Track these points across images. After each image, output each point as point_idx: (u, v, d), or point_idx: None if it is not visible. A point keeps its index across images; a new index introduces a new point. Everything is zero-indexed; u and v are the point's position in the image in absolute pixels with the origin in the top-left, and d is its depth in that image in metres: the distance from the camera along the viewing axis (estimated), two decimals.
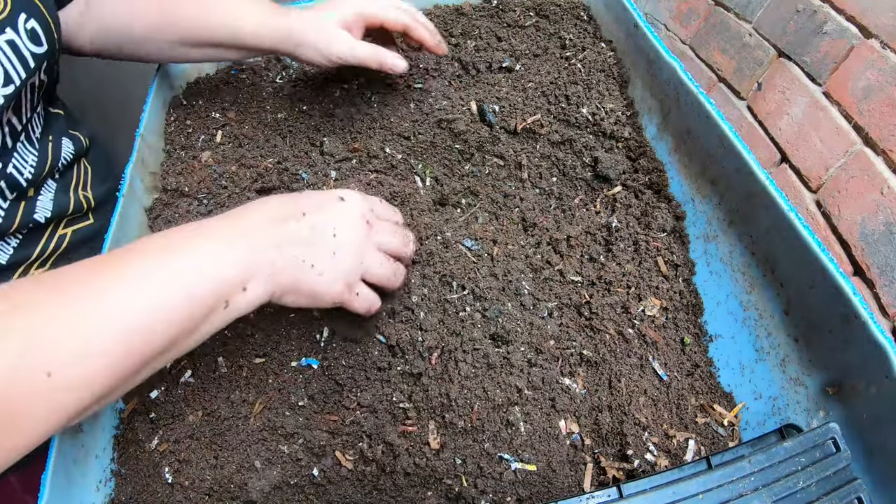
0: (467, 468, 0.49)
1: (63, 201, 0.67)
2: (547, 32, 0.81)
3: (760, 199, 0.53)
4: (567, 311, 0.58)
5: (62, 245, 0.68)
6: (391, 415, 0.52)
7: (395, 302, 0.55)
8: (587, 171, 0.68)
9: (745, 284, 0.57)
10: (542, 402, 0.52)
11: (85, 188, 0.72)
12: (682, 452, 0.50)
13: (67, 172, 0.70)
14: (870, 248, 0.74)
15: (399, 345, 0.54)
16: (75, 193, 0.70)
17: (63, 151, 0.68)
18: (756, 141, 0.96)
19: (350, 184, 0.64)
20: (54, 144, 0.66)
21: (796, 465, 0.40)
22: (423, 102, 0.73)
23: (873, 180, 0.74)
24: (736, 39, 1.01)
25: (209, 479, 0.51)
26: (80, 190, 0.71)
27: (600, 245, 0.63)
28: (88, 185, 0.73)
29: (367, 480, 0.50)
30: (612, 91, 0.73)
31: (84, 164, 0.74)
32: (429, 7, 0.84)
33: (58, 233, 0.68)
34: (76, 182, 0.71)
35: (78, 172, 0.72)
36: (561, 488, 0.48)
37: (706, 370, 0.57)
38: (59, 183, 0.68)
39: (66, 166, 0.69)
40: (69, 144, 0.69)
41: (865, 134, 0.77)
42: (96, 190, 0.74)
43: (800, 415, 0.49)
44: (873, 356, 0.42)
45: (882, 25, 0.75)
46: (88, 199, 0.72)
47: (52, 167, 0.65)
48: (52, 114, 0.69)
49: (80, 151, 0.72)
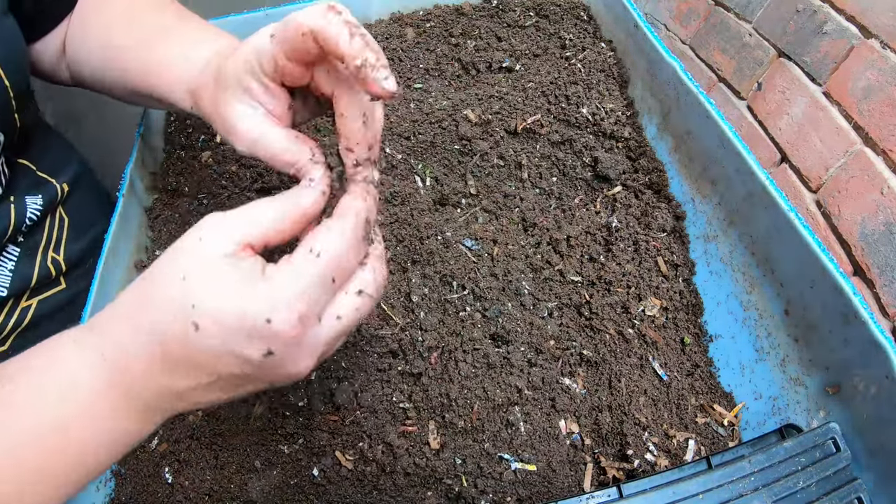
0: (467, 468, 0.49)
1: (26, 271, 0.57)
2: (547, 32, 0.80)
3: (760, 199, 0.53)
4: (567, 311, 0.58)
5: (25, 319, 0.58)
6: (391, 415, 0.52)
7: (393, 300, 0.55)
8: (587, 171, 0.68)
9: (745, 284, 0.57)
10: (542, 402, 0.52)
11: (57, 248, 0.62)
12: (682, 452, 0.50)
13: (33, 233, 0.59)
14: (870, 248, 0.74)
15: (399, 345, 0.54)
16: (43, 258, 0.60)
17: (28, 211, 0.58)
18: (756, 141, 0.96)
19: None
20: (17, 205, 0.56)
21: (796, 465, 0.40)
22: (423, 102, 0.73)
23: (873, 180, 0.74)
24: (736, 39, 1.01)
25: (209, 479, 0.51)
26: (49, 252, 0.61)
27: (600, 245, 0.63)
28: (62, 244, 0.62)
29: (367, 480, 0.50)
30: (612, 91, 0.73)
31: (60, 215, 0.63)
32: (429, 7, 0.84)
33: (20, 305, 0.57)
34: (45, 243, 0.61)
35: (50, 229, 0.61)
36: (561, 488, 0.48)
37: (706, 370, 0.57)
38: (23, 248, 0.58)
39: (33, 225, 0.59)
40: (36, 200, 0.59)
41: (865, 134, 0.77)
42: (72, 247, 0.63)
43: (800, 415, 0.49)
44: (873, 356, 0.42)
45: (882, 25, 0.75)
46: (58, 263, 0.61)
47: (13, 231, 0.55)
48: (19, 167, 0.59)
49: (51, 203, 0.61)
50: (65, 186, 0.63)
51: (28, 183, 0.59)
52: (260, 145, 0.37)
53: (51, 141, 0.66)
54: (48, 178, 0.62)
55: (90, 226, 0.66)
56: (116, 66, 0.51)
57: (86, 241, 0.65)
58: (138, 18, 0.52)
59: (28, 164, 0.60)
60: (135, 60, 0.49)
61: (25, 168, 0.60)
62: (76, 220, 0.65)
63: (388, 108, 0.73)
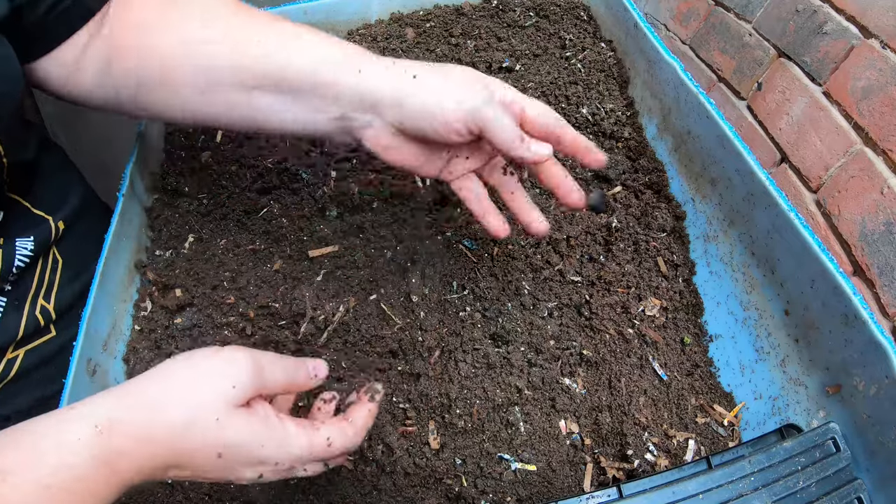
0: (467, 468, 0.49)
1: (11, 323, 0.53)
2: (547, 32, 0.80)
3: (760, 199, 0.53)
4: (567, 311, 0.58)
5: (11, 371, 0.53)
6: (391, 415, 0.52)
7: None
8: (587, 170, 0.68)
9: (745, 284, 0.57)
10: (542, 402, 0.52)
11: (48, 295, 0.56)
12: (682, 452, 0.50)
13: (23, 279, 0.54)
14: (870, 248, 0.74)
15: (399, 345, 0.54)
16: (31, 307, 0.55)
17: (17, 256, 0.53)
18: (756, 141, 0.96)
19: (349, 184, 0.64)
20: (5, 250, 0.52)
21: (796, 465, 0.40)
22: None
23: (873, 180, 0.74)
24: (736, 39, 1.01)
25: None
26: (38, 300, 0.56)
27: (600, 245, 0.63)
28: (53, 289, 0.57)
29: (367, 480, 0.50)
30: (612, 91, 0.73)
31: (53, 255, 0.58)
32: (429, 7, 0.84)
33: (5, 357, 0.53)
34: (35, 290, 0.56)
35: (41, 273, 0.57)
36: (561, 488, 0.48)
37: (706, 370, 0.57)
38: (9, 297, 0.53)
39: (22, 270, 0.54)
40: (27, 244, 0.54)
41: (865, 134, 0.77)
42: (64, 292, 0.58)
43: (800, 415, 0.49)
44: (873, 356, 0.42)
45: (882, 25, 0.75)
46: (48, 312, 0.56)
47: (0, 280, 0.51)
48: (11, 204, 0.54)
49: (44, 244, 0.56)
50: (60, 225, 0.58)
51: (21, 223, 0.54)
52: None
53: (52, 171, 0.61)
54: (44, 216, 0.57)
55: (88, 265, 0.58)
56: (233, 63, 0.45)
57: (81, 284, 0.59)
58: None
59: (21, 201, 0.56)
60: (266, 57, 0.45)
61: (19, 206, 0.55)
62: (71, 261, 0.60)
63: None
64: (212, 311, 0.57)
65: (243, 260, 0.61)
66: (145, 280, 0.60)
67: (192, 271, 0.59)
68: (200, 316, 0.56)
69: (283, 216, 0.63)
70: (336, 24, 0.82)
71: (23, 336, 0.54)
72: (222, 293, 0.57)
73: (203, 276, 0.58)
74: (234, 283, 0.58)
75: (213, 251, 0.61)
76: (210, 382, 0.36)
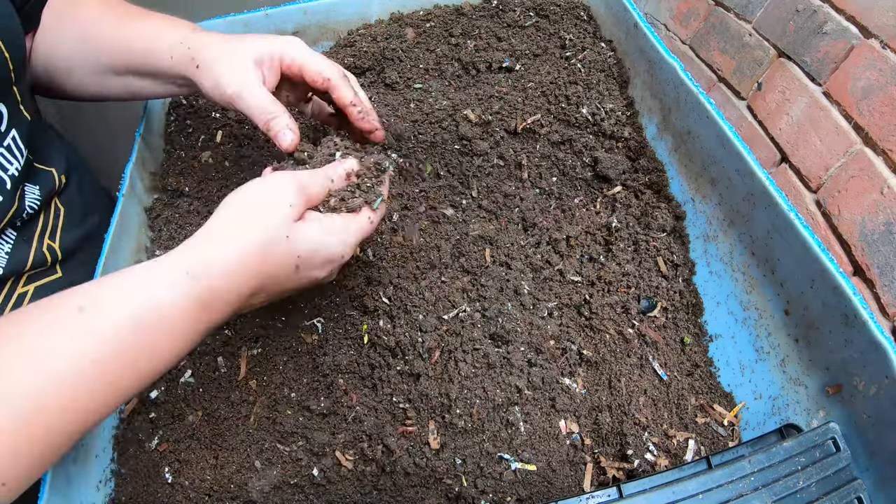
0: (467, 468, 0.49)
1: (21, 255, 0.58)
2: (547, 32, 0.80)
3: (760, 199, 0.53)
4: (567, 311, 0.58)
5: (23, 304, 0.58)
6: (391, 415, 0.52)
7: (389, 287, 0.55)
8: (587, 171, 0.68)
9: (745, 284, 0.57)
10: (542, 402, 0.52)
11: (52, 236, 0.62)
12: (682, 452, 0.50)
13: (31, 221, 0.60)
14: (870, 248, 0.74)
15: (399, 345, 0.54)
16: (39, 243, 0.60)
17: (27, 199, 0.58)
18: (756, 141, 0.96)
19: None
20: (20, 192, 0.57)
21: (796, 465, 0.40)
22: (423, 102, 0.73)
23: (873, 180, 0.74)
24: (736, 39, 1.01)
25: (209, 479, 0.51)
26: (45, 238, 0.61)
27: (600, 245, 0.63)
28: (58, 232, 0.62)
29: (367, 480, 0.50)
30: (612, 91, 0.73)
31: (56, 205, 0.64)
32: (429, 7, 0.84)
33: (17, 291, 0.58)
34: (41, 230, 0.61)
35: (45, 218, 0.62)
36: (561, 488, 0.48)
37: (706, 370, 0.57)
38: (19, 232, 0.58)
39: (32, 215, 0.59)
40: (34, 190, 0.59)
41: (865, 134, 0.77)
42: (67, 236, 0.63)
43: (800, 415, 0.49)
44: (873, 356, 0.42)
45: (882, 25, 0.75)
46: (54, 250, 0.61)
47: (13, 216, 0.56)
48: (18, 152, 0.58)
49: (49, 194, 0.61)
50: (62, 178, 0.64)
51: (27, 174, 0.59)
52: (244, 98, 0.50)
53: (43, 131, 0.66)
54: (45, 168, 0.62)
55: (84, 217, 0.66)
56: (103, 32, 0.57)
57: (81, 232, 0.65)
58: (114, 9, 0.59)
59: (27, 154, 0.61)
60: (113, 38, 0.57)
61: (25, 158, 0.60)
62: (71, 212, 0.65)
63: (388, 108, 0.73)
64: None
65: None
66: None
67: None
68: None
69: None
70: (336, 23, 0.82)
71: (31, 269, 0.59)
72: None
73: None
74: None
75: None
76: (271, 207, 0.41)
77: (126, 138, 0.68)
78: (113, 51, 0.57)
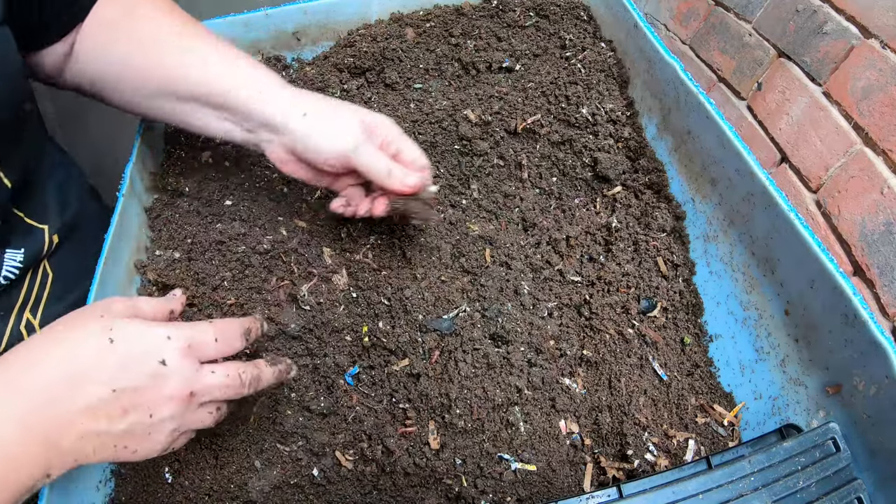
0: (467, 468, 0.49)
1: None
2: (547, 32, 0.80)
3: (760, 199, 0.53)
4: (567, 311, 0.58)
5: None
6: (391, 415, 0.52)
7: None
8: (587, 171, 0.68)
9: (745, 284, 0.57)
10: (542, 402, 0.52)
11: (34, 309, 0.55)
12: (682, 452, 0.50)
13: (9, 291, 0.54)
14: (870, 248, 0.74)
15: (399, 345, 0.54)
16: (17, 320, 0.53)
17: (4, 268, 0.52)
18: (756, 141, 0.96)
19: None
20: None
21: (796, 465, 0.40)
22: (423, 102, 0.73)
23: (873, 180, 0.74)
24: (736, 39, 1.01)
25: (209, 479, 0.51)
26: (24, 313, 0.55)
27: (600, 245, 0.63)
28: (41, 303, 0.56)
29: (367, 480, 0.50)
30: (612, 91, 0.73)
31: (44, 269, 0.57)
32: (429, 7, 0.84)
33: None
34: (21, 303, 0.54)
35: (30, 287, 0.55)
36: (561, 488, 0.48)
37: (706, 370, 0.57)
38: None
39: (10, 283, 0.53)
40: (16, 256, 0.53)
41: (865, 134, 0.77)
42: (53, 309, 0.57)
43: (800, 415, 0.49)
44: (873, 356, 0.42)
45: (882, 25, 0.75)
46: (32, 327, 0.55)
47: None
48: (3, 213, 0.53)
49: (35, 257, 0.55)
50: (55, 238, 0.57)
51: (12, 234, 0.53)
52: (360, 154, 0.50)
53: (52, 178, 0.60)
54: (38, 226, 0.56)
55: (78, 283, 0.58)
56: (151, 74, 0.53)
57: (71, 299, 0.59)
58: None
59: (15, 212, 0.55)
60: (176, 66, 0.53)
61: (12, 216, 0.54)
62: (61, 277, 0.58)
63: (388, 108, 0.73)
64: (212, 311, 0.56)
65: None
66: (145, 280, 0.60)
67: (191, 271, 0.59)
68: (200, 316, 0.56)
69: None
70: (336, 23, 0.82)
71: (5, 350, 0.52)
72: (222, 293, 0.57)
73: (203, 276, 0.58)
74: (234, 284, 0.58)
75: (214, 251, 0.61)
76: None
77: (126, 138, 0.68)
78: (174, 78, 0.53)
